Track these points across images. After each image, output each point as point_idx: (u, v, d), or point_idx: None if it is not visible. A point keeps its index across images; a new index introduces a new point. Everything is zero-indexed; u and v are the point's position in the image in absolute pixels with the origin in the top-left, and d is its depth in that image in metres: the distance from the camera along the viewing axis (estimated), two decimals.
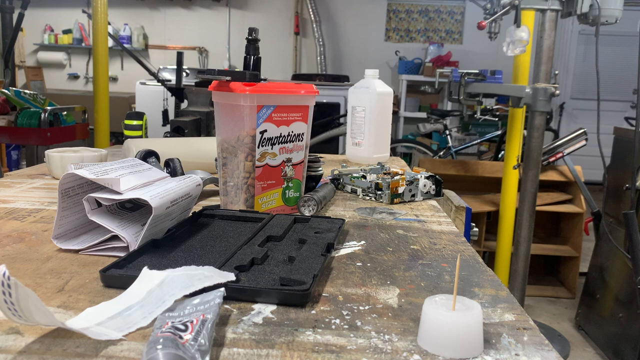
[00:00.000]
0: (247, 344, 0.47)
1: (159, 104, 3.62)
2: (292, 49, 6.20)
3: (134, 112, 1.56)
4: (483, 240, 3.03)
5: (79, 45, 6.10)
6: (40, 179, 1.18)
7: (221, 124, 0.88)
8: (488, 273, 0.68)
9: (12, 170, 3.68)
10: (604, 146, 2.08)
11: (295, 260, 0.64)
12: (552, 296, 3.05)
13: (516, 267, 2.32)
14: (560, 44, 6.02)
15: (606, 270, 2.51)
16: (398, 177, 1.06)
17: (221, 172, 0.90)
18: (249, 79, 0.83)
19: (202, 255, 0.67)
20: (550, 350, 0.48)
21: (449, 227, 0.89)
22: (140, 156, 1.00)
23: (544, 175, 2.94)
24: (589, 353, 2.43)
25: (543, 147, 2.42)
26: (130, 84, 5.50)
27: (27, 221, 0.84)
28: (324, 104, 4.47)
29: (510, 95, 2.28)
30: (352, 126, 1.52)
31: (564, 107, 6.16)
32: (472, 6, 6.01)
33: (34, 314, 0.44)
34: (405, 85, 5.92)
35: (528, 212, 2.26)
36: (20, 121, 2.61)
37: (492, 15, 2.14)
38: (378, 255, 0.73)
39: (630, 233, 1.75)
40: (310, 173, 1.06)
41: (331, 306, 0.56)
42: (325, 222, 0.82)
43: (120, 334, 0.47)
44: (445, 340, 0.46)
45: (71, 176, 0.68)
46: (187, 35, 6.17)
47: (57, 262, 0.66)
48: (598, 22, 2.00)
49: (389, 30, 6.25)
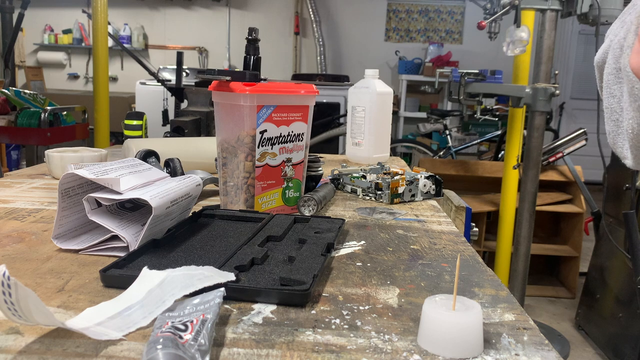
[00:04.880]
0: (247, 344, 0.47)
1: (159, 104, 3.62)
2: (292, 49, 6.20)
3: (134, 112, 1.56)
4: (483, 240, 3.03)
5: (79, 45, 6.10)
6: (40, 179, 1.18)
7: (221, 124, 0.88)
8: (488, 273, 0.68)
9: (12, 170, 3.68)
10: (604, 146, 2.08)
11: (295, 260, 0.64)
12: (552, 296, 3.05)
13: (516, 267, 2.32)
14: (560, 44, 6.02)
15: (606, 270, 2.51)
16: (398, 177, 1.06)
17: (221, 172, 0.90)
18: (249, 79, 0.83)
19: (202, 255, 0.67)
20: (550, 350, 0.48)
21: (449, 227, 0.89)
22: (140, 156, 1.00)
23: (544, 175, 2.94)
24: (589, 353, 2.43)
25: (543, 147, 2.42)
26: (130, 84, 5.50)
27: (27, 221, 0.84)
28: (324, 104, 4.48)
29: (510, 95, 2.28)
30: (352, 126, 1.52)
31: (564, 107, 6.16)
32: (472, 6, 6.01)
33: (34, 314, 0.44)
34: (405, 85, 5.92)
35: (528, 212, 2.26)
36: (20, 121, 2.61)
37: (492, 15, 2.14)
38: (378, 255, 0.73)
39: (630, 233, 1.75)
40: (310, 173, 1.06)
41: (331, 306, 0.56)
42: (325, 222, 0.82)
43: (120, 334, 0.47)
44: (445, 340, 0.46)
45: (71, 176, 0.68)
46: (187, 35, 6.17)
47: (57, 262, 0.66)
48: (598, 22, 2.00)
49: (389, 30, 6.25)
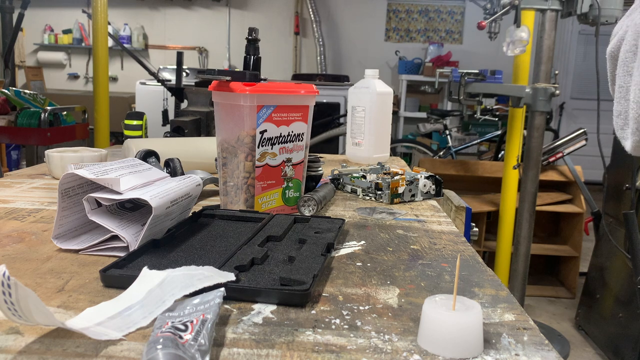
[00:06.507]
0: (247, 344, 0.47)
1: (159, 104, 3.62)
2: (292, 49, 6.20)
3: (134, 112, 1.56)
4: (483, 240, 3.03)
5: (79, 45, 6.10)
6: (40, 179, 1.18)
7: (221, 124, 0.88)
8: (488, 273, 0.68)
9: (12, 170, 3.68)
10: (604, 146, 2.08)
11: (295, 260, 0.64)
12: (552, 296, 3.05)
13: (516, 267, 2.32)
14: (560, 44, 6.01)
15: (606, 270, 2.51)
16: (398, 177, 1.06)
17: (221, 172, 0.90)
18: (249, 79, 0.83)
19: (202, 255, 0.67)
20: (550, 350, 0.48)
21: (449, 227, 0.89)
22: (140, 156, 1.00)
23: (544, 175, 2.94)
24: (589, 353, 2.43)
25: (543, 147, 2.42)
26: (130, 84, 5.50)
27: (27, 221, 0.84)
28: (324, 104, 4.47)
29: (510, 95, 2.28)
30: (352, 126, 1.52)
31: (564, 107, 6.16)
32: (472, 6, 6.01)
33: (34, 314, 0.44)
34: (405, 85, 5.92)
35: (528, 212, 2.26)
36: (20, 121, 2.61)
37: (492, 15, 2.14)
38: (378, 255, 0.73)
39: (630, 233, 1.75)
40: (310, 173, 1.06)
41: (331, 306, 0.56)
42: (325, 222, 0.82)
43: (120, 334, 0.47)
44: (445, 340, 0.46)
45: (71, 176, 0.68)
46: (187, 35, 6.17)
47: (57, 262, 0.66)
48: (598, 22, 1.99)
49: (389, 30, 6.25)
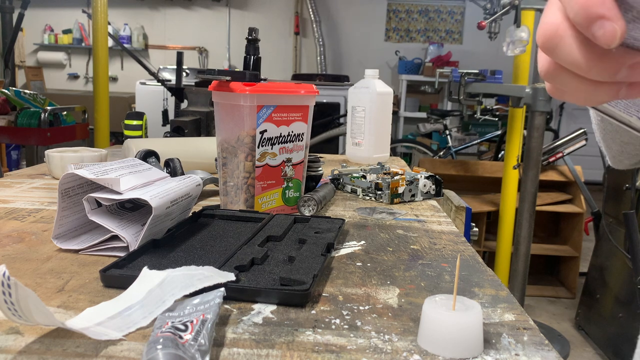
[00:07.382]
0: (247, 344, 0.47)
1: (159, 104, 3.62)
2: (292, 49, 6.20)
3: (134, 112, 1.56)
4: (483, 240, 3.03)
5: (79, 45, 6.10)
6: (40, 179, 1.18)
7: (221, 124, 0.88)
8: (488, 273, 0.68)
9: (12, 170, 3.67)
10: None
11: (295, 260, 0.64)
12: (552, 296, 3.05)
13: (516, 267, 2.32)
14: None
15: (606, 270, 2.51)
16: (398, 177, 1.06)
17: (221, 172, 0.90)
18: (249, 79, 0.83)
19: (202, 255, 0.67)
20: (550, 350, 0.48)
21: (449, 227, 0.89)
22: (140, 156, 1.00)
23: (544, 175, 2.94)
24: (589, 353, 2.43)
25: (543, 147, 2.42)
26: (130, 84, 5.50)
27: (27, 221, 0.84)
28: (324, 104, 4.48)
29: (510, 95, 2.28)
30: (352, 126, 1.52)
31: (564, 107, 6.16)
32: (472, 6, 6.01)
33: (34, 314, 0.44)
34: (405, 85, 5.92)
35: (528, 212, 2.26)
36: (20, 121, 2.61)
37: (492, 15, 2.14)
38: (378, 255, 0.73)
39: (630, 233, 1.75)
40: (310, 173, 1.06)
41: (331, 306, 0.56)
42: (325, 222, 0.82)
43: (120, 334, 0.47)
44: (445, 340, 0.46)
45: (71, 176, 0.68)
46: (187, 35, 6.17)
47: (57, 262, 0.66)
48: None
49: (389, 30, 6.26)
